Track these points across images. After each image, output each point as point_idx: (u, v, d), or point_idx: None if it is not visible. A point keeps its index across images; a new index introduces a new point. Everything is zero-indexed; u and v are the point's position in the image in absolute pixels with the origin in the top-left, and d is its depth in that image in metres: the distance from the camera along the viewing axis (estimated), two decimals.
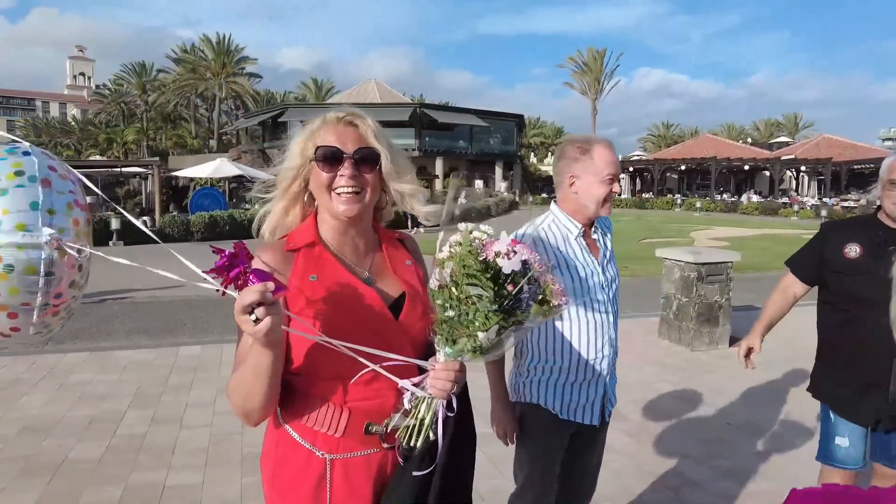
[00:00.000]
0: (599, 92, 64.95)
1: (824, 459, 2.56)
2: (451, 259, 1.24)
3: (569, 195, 2.17)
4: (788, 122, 77.76)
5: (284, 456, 1.39)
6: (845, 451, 2.47)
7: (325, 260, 1.41)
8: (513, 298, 1.21)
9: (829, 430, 2.53)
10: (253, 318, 1.09)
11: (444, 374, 1.30)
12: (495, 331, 1.21)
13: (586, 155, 2.12)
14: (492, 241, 1.24)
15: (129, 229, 18.14)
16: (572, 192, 2.15)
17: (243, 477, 3.51)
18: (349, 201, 1.39)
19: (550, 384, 2.21)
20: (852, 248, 2.42)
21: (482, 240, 1.24)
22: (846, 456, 2.47)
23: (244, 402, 1.28)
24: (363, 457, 1.37)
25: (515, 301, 1.22)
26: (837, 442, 2.48)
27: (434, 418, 1.33)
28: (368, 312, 1.38)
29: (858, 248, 2.41)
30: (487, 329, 1.20)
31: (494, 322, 1.20)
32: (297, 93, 70.48)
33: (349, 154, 1.39)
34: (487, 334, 1.21)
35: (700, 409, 4.73)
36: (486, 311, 1.19)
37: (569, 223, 2.19)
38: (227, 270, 1.13)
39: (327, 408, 1.35)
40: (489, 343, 1.23)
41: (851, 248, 2.43)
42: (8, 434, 4.09)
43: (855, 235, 2.46)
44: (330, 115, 1.45)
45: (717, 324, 6.52)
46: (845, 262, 2.42)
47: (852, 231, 2.52)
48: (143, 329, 7.40)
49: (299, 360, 1.34)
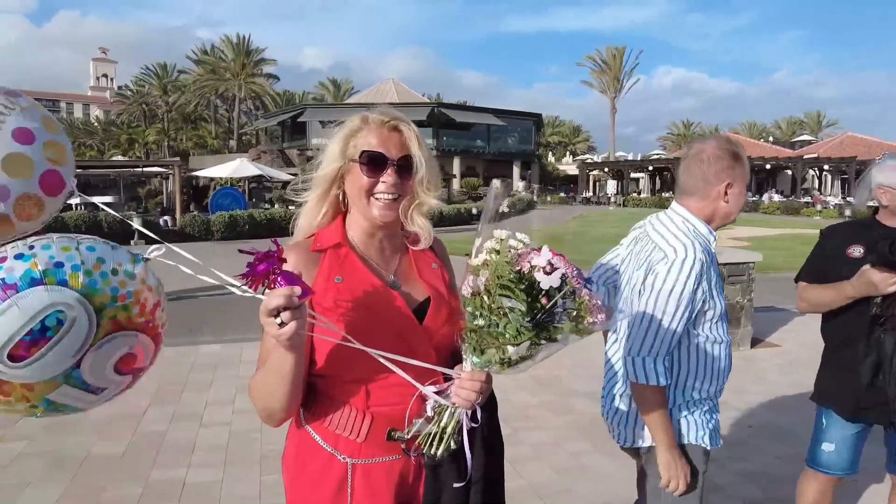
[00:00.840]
0: (618, 90, 64.54)
1: (809, 462, 2.63)
2: (485, 266, 1.21)
3: (718, 204, 1.96)
4: (811, 121, 76.56)
5: (306, 458, 1.38)
6: (828, 455, 2.54)
7: (351, 262, 1.40)
8: (546, 312, 1.18)
9: (819, 435, 2.57)
10: (278, 322, 1.08)
11: (469, 384, 1.28)
12: (526, 346, 1.19)
13: (740, 161, 1.96)
14: (528, 252, 1.21)
15: (150, 229, 18.37)
16: (723, 201, 1.96)
17: (262, 475, 3.53)
18: (386, 207, 1.38)
19: (704, 414, 2.06)
20: (855, 248, 2.41)
21: (518, 249, 1.21)
22: (829, 461, 2.54)
23: (267, 403, 1.29)
24: (385, 463, 1.36)
25: (548, 315, 1.18)
26: (824, 447, 2.54)
27: (457, 427, 1.31)
28: (393, 316, 1.36)
29: (861, 248, 2.39)
30: (519, 344, 1.18)
31: (527, 337, 1.17)
32: (315, 93, 70.90)
33: (393, 160, 1.37)
34: (518, 348, 1.19)
35: (722, 411, 4.64)
36: (519, 325, 1.17)
37: (708, 234, 1.98)
38: (257, 269, 1.13)
39: (350, 412, 1.35)
40: (518, 357, 1.21)
41: (854, 248, 2.41)
42: (35, 430, 4.16)
43: (856, 237, 2.45)
44: (373, 116, 1.42)
45: (739, 325, 6.43)
46: (849, 262, 2.39)
47: (853, 232, 2.51)
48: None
49: (323, 363, 1.33)
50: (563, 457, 3.84)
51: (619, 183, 50.87)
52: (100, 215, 18.33)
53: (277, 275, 1.12)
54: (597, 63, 65.52)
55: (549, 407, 4.66)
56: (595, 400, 4.79)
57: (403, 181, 1.39)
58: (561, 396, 4.88)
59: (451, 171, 40.14)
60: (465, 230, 21.62)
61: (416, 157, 1.40)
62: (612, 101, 64.72)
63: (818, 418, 2.59)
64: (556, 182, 56.88)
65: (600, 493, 3.41)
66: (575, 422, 4.41)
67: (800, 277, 2.63)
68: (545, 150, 68.22)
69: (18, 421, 4.28)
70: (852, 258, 2.39)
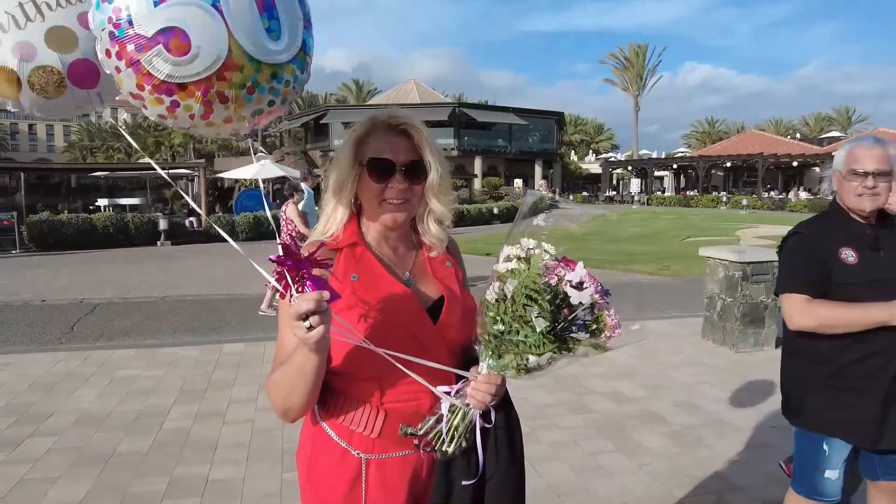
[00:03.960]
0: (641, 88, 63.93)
1: (810, 493, 2.32)
2: (512, 275, 1.23)
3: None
4: (840, 117, 74.99)
5: (320, 453, 1.41)
6: (833, 483, 2.27)
7: (366, 260, 1.42)
8: (566, 323, 1.20)
9: (820, 463, 2.27)
10: (307, 325, 1.11)
11: (485, 387, 1.31)
12: (548, 357, 1.22)
13: None
14: (556, 264, 1.23)
15: (176, 230, 18.68)
16: None
17: (283, 472, 3.58)
18: (396, 210, 1.41)
19: None
20: (846, 252, 2.16)
21: (547, 261, 1.23)
22: (833, 489, 2.27)
23: (285, 400, 1.31)
24: (398, 458, 1.38)
25: (567, 327, 1.21)
26: (827, 475, 2.26)
27: (469, 427, 1.34)
28: (407, 314, 1.38)
29: (853, 253, 2.15)
30: (541, 354, 1.20)
31: (549, 348, 1.20)
32: (338, 94, 71.33)
33: (401, 165, 1.39)
34: (539, 358, 1.22)
35: (744, 412, 4.60)
36: (541, 336, 1.19)
37: None
38: (290, 274, 1.16)
39: (364, 408, 1.37)
40: (536, 365, 1.24)
41: (846, 252, 2.16)
42: (64, 426, 4.27)
43: (841, 237, 2.21)
44: (381, 119, 1.42)
45: (763, 325, 6.34)
46: (845, 269, 2.15)
47: (833, 232, 2.25)
48: (189, 327, 7.61)
49: (338, 360, 1.35)
50: (581, 456, 3.83)
51: (643, 181, 50.35)
52: (127, 216, 18.67)
53: (306, 279, 1.15)
54: (619, 61, 65.00)
55: (567, 406, 4.65)
56: (612, 399, 4.80)
57: (413, 186, 1.40)
58: (578, 395, 4.86)
59: (472, 170, 40.13)
60: (485, 230, 21.60)
61: (427, 162, 1.41)
62: (636, 99, 64.12)
63: (816, 446, 2.28)
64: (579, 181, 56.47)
65: (618, 493, 3.39)
66: (592, 421, 4.39)
67: (795, 289, 2.22)
68: (567, 148, 67.76)
69: (48, 418, 4.40)
70: (848, 264, 2.15)
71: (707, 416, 4.50)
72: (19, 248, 16.41)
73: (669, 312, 8.12)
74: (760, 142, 48.75)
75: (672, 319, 7.63)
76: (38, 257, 15.12)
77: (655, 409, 4.62)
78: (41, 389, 5.02)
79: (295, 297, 1.14)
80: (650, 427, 4.29)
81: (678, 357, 6.04)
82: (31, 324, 7.72)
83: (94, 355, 6.05)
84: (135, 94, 1.33)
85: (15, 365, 5.73)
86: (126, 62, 1.29)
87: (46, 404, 4.68)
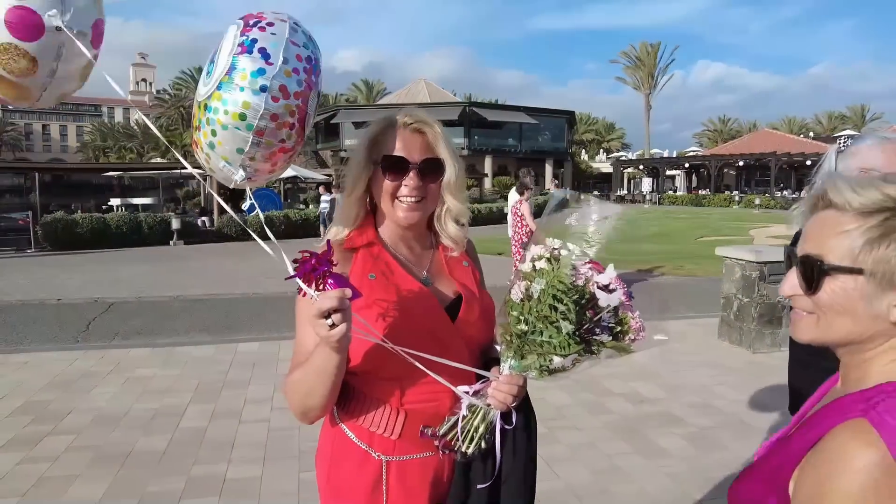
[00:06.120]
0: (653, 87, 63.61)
1: None
2: (539, 274, 1.22)
3: None
4: (854, 115, 74.28)
5: (340, 455, 1.39)
6: None
7: (383, 259, 1.41)
8: (591, 324, 1.19)
9: None
10: (329, 323, 1.10)
11: (506, 388, 1.29)
12: (573, 358, 1.20)
13: None
14: (584, 265, 1.22)
15: (189, 229, 18.79)
16: None
17: (301, 472, 3.58)
18: (410, 209, 1.39)
19: None
20: None
21: (573, 262, 1.22)
22: None
23: (304, 401, 1.29)
24: (419, 460, 1.37)
25: (592, 328, 1.19)
26: None
27: (489, 428, 1.32)
28: (425, 313, 1.37)
29: None
30: (566, 355, 1.19)
31: (574, 350, 1.18)
32: (348, 94, 71.52)
33: (415, 164, 1.38)
34: (564, 360, 1.20)
35: (762, 413, 4.55)
36: (567, 337, 1.17)
37: None
38: (311, 273, 1.15)
39: (384, 409, 1.35)
40: (560, 367, 1.22)
41: None
42: (81, 424, 4.29)
43: None
44: (398, 118, 1.42)
45: (780, 325, 6.27)
46: None
47: None
48: (203, 326, 7.64)
49: (358, 360, 1.33)
50: (599, 457, 3.80)
51: (655, 181, 50.11)
52: (140, 216, 18.80)
53: (327, 277, 1.14)
54: (631, 59, 64.72)
55: (586, 407, 4.62)
56: (630, 400, 4.76)
57: (427, 184, 1.39)
58: (597, 396, 4.83)
59: (482, 170, 40.09)
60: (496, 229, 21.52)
61: (442, 160, 1.41)
62: (647, 98, 63.82)
63: None
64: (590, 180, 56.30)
65: (637, 495, 3.37)
66: (611, 422, 4.36)
67: None
68: (578, 147, 67.59)
69: (66, 416, 4.42)
70: None
71: (725, 418, 4.45)
72: (34, 248, 16.56)
73: (684, 312, 8.06)
74: (773, 141, 48.37)
75: (687, 320, 7.57)
76: (53, 256, 15.25)
77: (673, 411, 4.58)
78: (58, 388, 5.06)
79: (316, 296, 1.13)
80: (668, 428, 4.25)
81: (695, 358, 5.98)
82: (48, 322, 7.78)
83: (110, 354, 6.09)
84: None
85: (32, 363, 5.77)
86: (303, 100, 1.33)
87: (64, 403, 4.71)
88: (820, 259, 0.87)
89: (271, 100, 1.28)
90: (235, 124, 1.30)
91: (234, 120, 1.29)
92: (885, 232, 0.83)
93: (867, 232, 0.84)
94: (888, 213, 0.83)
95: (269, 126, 1.31)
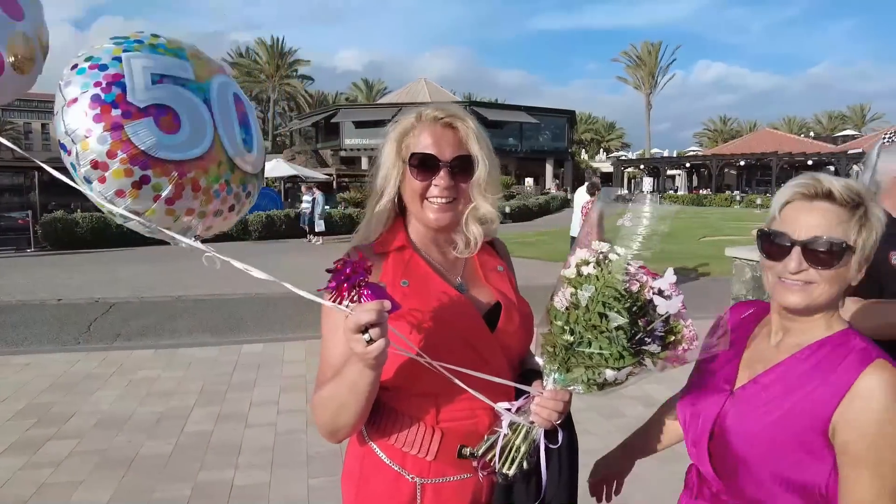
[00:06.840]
0: (654, 86, 63.61)
1: None
2: (587, 280, 1.12)
3: None
4: (855, 114, 74.33)
5: (370, 477, 1.29)
6: None
7: (416, 265, 1.32)
8: (645, 333, 1.09)
9: None
10: (366, 339, 1.01)
11: (551, 404, 1.19)
12: (627, 372, 1.11)
13: None
14: (637, 270, 1.13)
15: None
16: None
17: (310, 478, 3.48)
18: (441, 210, 1.31)
19: None
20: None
21: (624, 267, 1.13)
22: None
23: (334, 419, 1.20)
24: (456, 482, 1.27)
25: (642, 338, 1.10)
26: None
27: (532, 447, 1.22)
28: (462, 322, 1.28)
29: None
30: (620, 368, 1.09)
31: (629, 362, 1.09)
32: (348, 93, 71.44)
33: (446, 162, 1.29)
34: (619, 373, 1.10)
35: None
36: (621, 348, 1.08)
37: None
38: (345, 282, 1.05)
39: (418, 428, 1.25)
40: (613, 381, 1.13)
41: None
42: (84, 428, 4.21)
43: (888, 238, 2.14)
44: (427, 112, 1.34)
45: None
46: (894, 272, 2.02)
47: (886, 236, 2.18)
48: (206, 327, 7.56)
49: (390, 374, 1.23)
50: None
51: (655, 180, 50.06)
52: None
53: (363, 287, 1.04)
54: (632, 59, 64.69)
55: (599, 411, 4.54)
56: (645, 404, 4.67)
57: (458, 183, 1.31)
58: (611, 399, 4.74)
59: None
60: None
61: (475, 157, 1.32)
62: (647, 98, 63.80)
63: None
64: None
65: (652, 500, 3.29)
66: (625, 426, 4.25)
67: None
68: (578, 147, 67.56)
69: (69, 419, 4.34)
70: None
71: None
72: (34, 247, 16.46)
73: (693, 313, 7.97)
74: (774, 140, 48.33)
75: (697, 321, 7.48)
76: (53, 256, 15.15)
77: None
78: (61, 390, 4.97)
79: (350, 308, 1.03)
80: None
81: None
82: (48, 323, 7.69)
83: (112, 355, 6.01)
84: (98, 161, 1.29)
85: (34, 365, 5.69)
86: (105, 125, 1.28)
87: (67, 405, 4.62)
88: (844, 241, 1.14)
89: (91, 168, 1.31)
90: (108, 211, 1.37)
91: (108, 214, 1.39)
92: (862, 222, 1.16)
93: (858, 221, 1.16)
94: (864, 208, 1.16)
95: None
